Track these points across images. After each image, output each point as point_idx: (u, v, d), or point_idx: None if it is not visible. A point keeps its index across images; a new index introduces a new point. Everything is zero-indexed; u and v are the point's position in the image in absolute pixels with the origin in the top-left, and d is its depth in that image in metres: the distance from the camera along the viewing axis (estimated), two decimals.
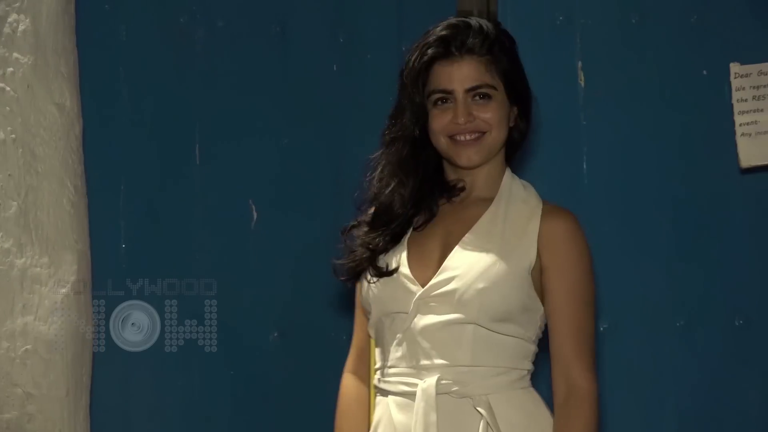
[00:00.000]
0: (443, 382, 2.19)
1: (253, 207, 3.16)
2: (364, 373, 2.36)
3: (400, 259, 2.25)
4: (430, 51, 2.22)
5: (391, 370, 2.25)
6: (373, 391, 2.33)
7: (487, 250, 2.23)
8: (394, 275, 2.24)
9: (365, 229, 2.30)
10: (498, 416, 2.18)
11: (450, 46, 2.22)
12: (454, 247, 2.25)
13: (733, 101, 2.87)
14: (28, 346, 2.88)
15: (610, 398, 2.79)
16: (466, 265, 2.22)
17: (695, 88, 2.92)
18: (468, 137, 2.24)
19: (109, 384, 3.04)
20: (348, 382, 2.35)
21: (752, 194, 2.90)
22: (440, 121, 2.24)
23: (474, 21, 2.28)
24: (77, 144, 2.97)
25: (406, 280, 2.24)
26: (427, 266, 2.25)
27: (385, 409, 2.26)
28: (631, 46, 2.93)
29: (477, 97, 2.23)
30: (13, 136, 2.93)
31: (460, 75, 2.23)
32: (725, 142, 2.87)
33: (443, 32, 2.24)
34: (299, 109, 3.21)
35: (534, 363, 2.24)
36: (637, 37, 2.92)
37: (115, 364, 3.08)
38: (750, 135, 2.85)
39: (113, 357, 3.06)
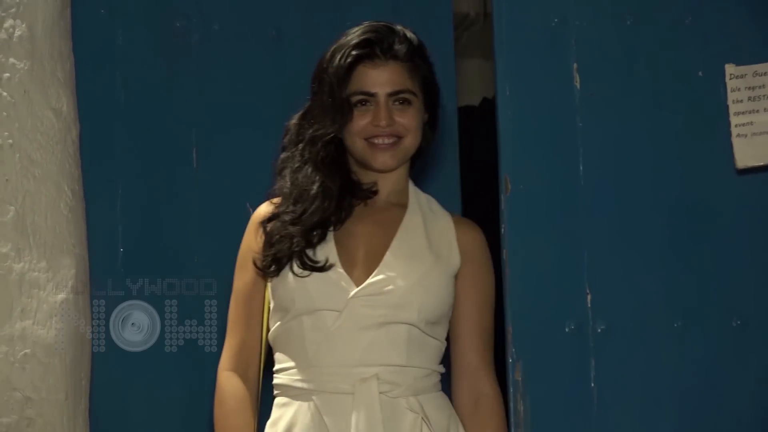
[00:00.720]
0: (379, 381, 2.21)
1: (251, 210, 3.16)
2: (247, 372, 2.32)
3: (329, 256, 2.24)
4: (355, 52, 2.23)
5: (315, 370, 2.22)
6: (258, 392, 2.32)
7: (419, 255, 2.27)
8: (327, 271, 2.23)
9: (288, 223, 2.26)
10: (429, 417, 2.23)
11: (375, 49, 2.24)
12: (380, 249, 2.27)
13: (729, 102, 2.84)
14: (27, 350, 2.85)
15: (607, 400, 2.78)
16: (403, 268, 2.25)
17: (691, 89, 2.89)
18: (386, 141, 2.26)
19: (109, 384, 3.03)
20: (231, 380, 2.31)
21: (748, 195, 2.87)
22: (359, 123, 2.26)
23: (398, 27, 2.30)
24: (74, 148, 2.96)
25: (339, 278, 2.23)
26: (356, 266, 2.26)
27: (300, 410, 2.23)
28: (627, 47, 2.89)
29: (397, 102, 2.26)
30: (11, 141, 2.91)
31: (384, 78, 2.25)
32: (721, 142, 2.85)
33: (369, 35, 2.26)
34: (295, 111, 3.22)
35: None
36: (632, 39, 2.89)
37: (114, 364, 3.07)
38: (746, 136, 2.83)
39: (113, 357, 3.05)
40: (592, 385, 2.79)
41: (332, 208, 2.26)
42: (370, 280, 2.23)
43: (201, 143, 3.21)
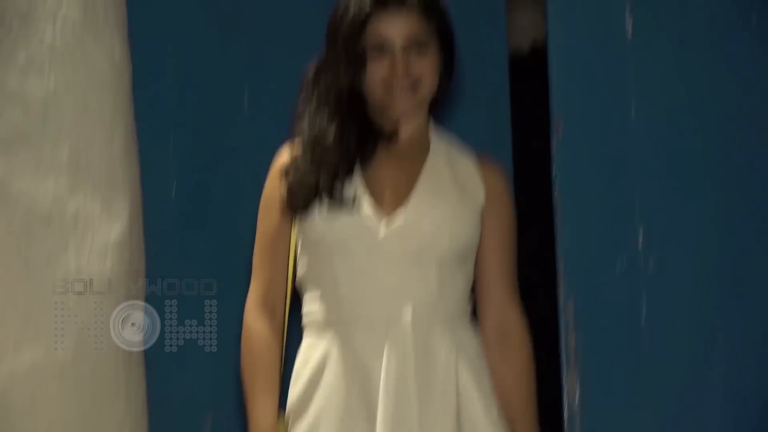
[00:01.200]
0: (411, 316, 2.22)
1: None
2: (274, 312, 2.34)
3: (357, 191, 2.26)
4: (370, 1, 2.25)
5: (346, 307, 2.24)
6: (284, 334, 2.34)
7: (446, 191, 2.30)
8: (356, 209, 2.25)
9: (311, 163, 2.29)
10: (460, 353, 2.25)
11: None
12: (406, 187, 2.29)
13: None
14: (81, 287, 2.87)
15: (657, 338, 2.77)
16: (431, 203, 2.27)
17: (746, 33, 2.84)
18: (403, 87, 2.28)
19: None
20: (258, 321, 2.34)
21: None
22: (376, 71, 2.27)
23: None
24: (127, 90, 2.97)
25: (369, 213, 2.24)
26: (384, 202, 2.27)
27: (332, 348, 2.25)
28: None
29: (413, 49, 2.27)
30: (65, 84, 2.92)
31: (400, 27, 2.27)
32: None
33: None
34: None
35: None
36: None
37: None
38: None
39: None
40: (643, 323, 2.78)
41: (353, 150, 2.28)
42: (400, 215, 2.25)
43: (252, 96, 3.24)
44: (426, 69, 2.29)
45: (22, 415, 2.84)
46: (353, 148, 2.28)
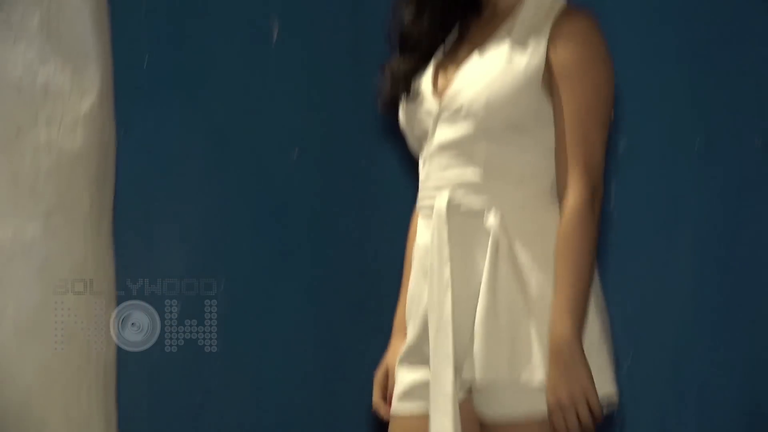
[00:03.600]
0: (455, 200, 2.15)
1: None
2: None
3: (423, 81, 2.20)
4: None
5: (420, 192, 2.21)
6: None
7: (496, 58, 2.15)
8: (418, 97, 2.19)
9: (395, 57, 2.23)
10: (511, 232, 2.13)
11: None
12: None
13: None
14: (51, 160, 2.85)
15: (626, 222, 2.82)
16: (474, 76, 2.15)
17: None
18: None
19: None
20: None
21: None
22: None
23: None
24: None
25: (426, 101, 2.18)
26: (446, 85, 2.19)
27: (418, 229, 2.23)
28: None
29: None
30: None
31: None
32: None
33: None
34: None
35: None
36: None
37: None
38: None
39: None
40: (612, 205, 2.81)
41: (435, 32, 2.22)
42: (445, 97, 2.17)
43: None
44: None
45: None
46: (433, 35, 2.21)
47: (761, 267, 2.91)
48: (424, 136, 2.20)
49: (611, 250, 2.81)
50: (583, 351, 2.03)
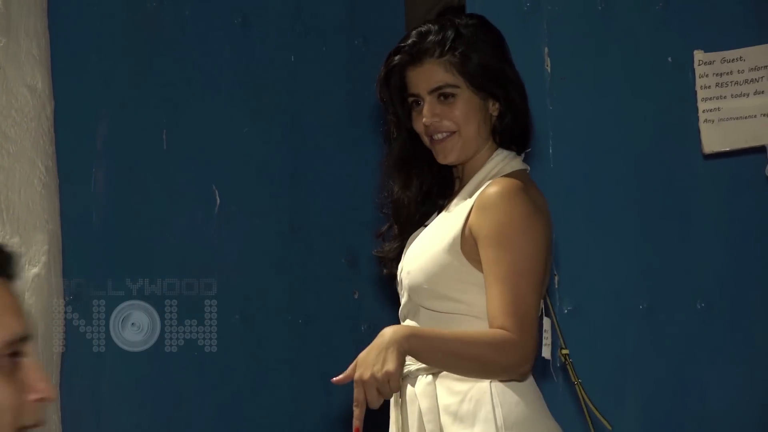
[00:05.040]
0: (406, 366, 2.21)
1: (216, 192, 3.21)
2: None
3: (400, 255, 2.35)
4: (395, 58, 2.28)
5: None
6: None
7: (432, 233, 2.27)
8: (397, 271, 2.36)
9: (390, 233, 2.39)
10: (440, 397, 2.21)
11: (411, 52, 2.27)
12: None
13: (697, 88, 2.86)
14: None
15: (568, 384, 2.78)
16: (414, 252, 2.28)
17: (660, 74, 2.92)
18: (441, 136, 2.27)
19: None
20: None
21: (714, 180, 2.90)
22: (417, 123, 2.30)
23: (436, 24, 2.29)
24: (48, 125, 2.98)
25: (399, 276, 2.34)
26: None
27: None
28: (597, 32, 2.92)
29: (441, 97, 2.26)
30: None
31: (422, 78, 2.27)
32: (689, 128, 2.87)
33: (405, 41, 2.29)
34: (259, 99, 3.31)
35: None
36: (602, 24, 2.92)
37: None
38: (713, 121, 2.85)
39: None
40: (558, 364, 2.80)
41: (418, 209, 2.35)
42: (399, 274, 2.33)
43: (171, 124, 3.23)
44: (456, 115, 2.27)
45: None
46: (407, 204, 2.34)
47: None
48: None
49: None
50: (402, 351, 2.09)
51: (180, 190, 3.20)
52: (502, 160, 2.30)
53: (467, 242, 2.20)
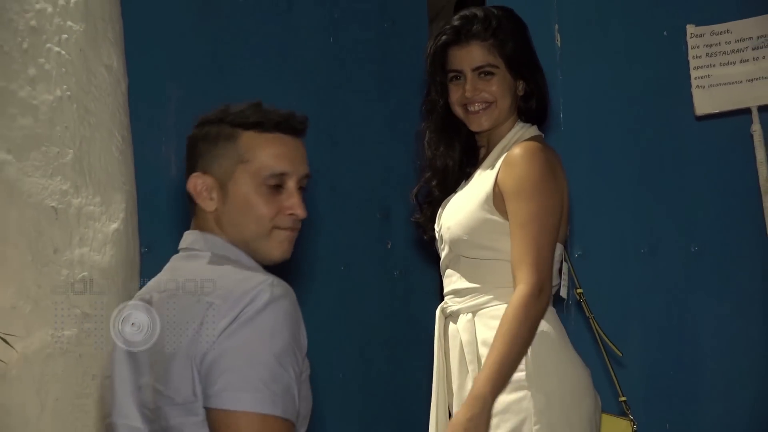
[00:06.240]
0: (445, 307, 2.45)
1: None
2: None
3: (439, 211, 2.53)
4: (443, 38, 2.47)
5: None
6: None
7: (465, 193, 2.46)
8: (434, 232, 2.54)
9: (427, 191, 2.55)
10: (479, 332, 2.40)
11: (459, 34, 2.46)
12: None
13: (689, 58, 2.97)
14: (84, 273, 2.95)
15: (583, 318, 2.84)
16: (450, 211, 2.46)
17: (657, 46, 3.02)
18: (477, 107, 2.46)
19: None
20: None
21: (705, 138, 3.01)
22: (455, 95, 2.48)
23: (481, 11, 2.48)
24: (123, 99, 3.03)
25: (436, 229, 2.51)
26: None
27: None
28: (601, 10, 3.03)
29: (482, 75, 2.45)
30: (69, 93, 2.98)
31: (467, 57, 2.46)
32: (683, 93, 2.98)
33: (455, 22, 2.48)
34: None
35: None
36: (605, 3, 3.03)
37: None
38: (703, 87, 2.97)
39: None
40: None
41: (460, 169, 2.52)
42: (438, 230, 2.50)
43: (227, 96, 3.19)
44: (494, 89, 2.46)
45: (33, 392, 2.94)
46: (452, 168, 2.52)
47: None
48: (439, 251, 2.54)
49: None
50: (490, 409, 2.27)
51: None
52: (521, 129, 2.50)
53: (497, 197, 2.41)
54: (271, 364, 1.75)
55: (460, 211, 2.44)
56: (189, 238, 2.00)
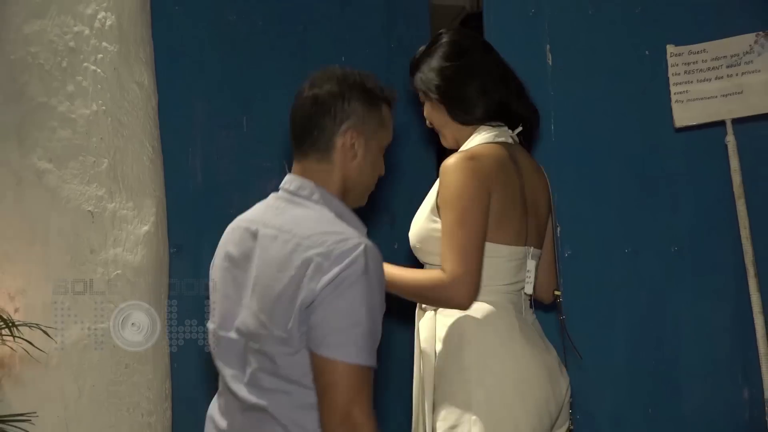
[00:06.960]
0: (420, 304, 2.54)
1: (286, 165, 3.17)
2: None
3: None
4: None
5: None
6: None
7: (421, 205, 2.56)
8: None
9: None
10: (438, 329, 2.49)
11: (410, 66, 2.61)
12: None
13: (669, 75, 2.98)
14: (118, 271, 3.03)
15: (571, 311, 2.86)
16: (413, 220, 2.56)
17: (640, 64, 3.02)
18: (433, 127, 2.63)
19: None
20: None
21: (684, 148, 3.05)
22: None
23: (416, 55, 2.57)
24: (153, 113, 3.13)
25: None
26: None
27: None
28: (589, 31, 3.04)
29: (424, 102, 2.59)
30: (104, 108, 3.08)
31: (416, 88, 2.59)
32: (663, 106, 2.99)
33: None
34: None
35: None
36: (593, 24, 3.04)
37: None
38: (682, 102, 2.98)
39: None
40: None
41: None
42: None
43: (249, 111, 3.33)
44: (428, 116, 2.57)
45: (71, 379, 3.01)
46: None
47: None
48: None
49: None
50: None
51: (256, 164, 3.32)
52: (477, 135, 2.53)
53: (438, 207, 2.49)
54: (369, 323, 2.00)
55: (415, 222, 2.54)
56: (295, 182, 2.12)
